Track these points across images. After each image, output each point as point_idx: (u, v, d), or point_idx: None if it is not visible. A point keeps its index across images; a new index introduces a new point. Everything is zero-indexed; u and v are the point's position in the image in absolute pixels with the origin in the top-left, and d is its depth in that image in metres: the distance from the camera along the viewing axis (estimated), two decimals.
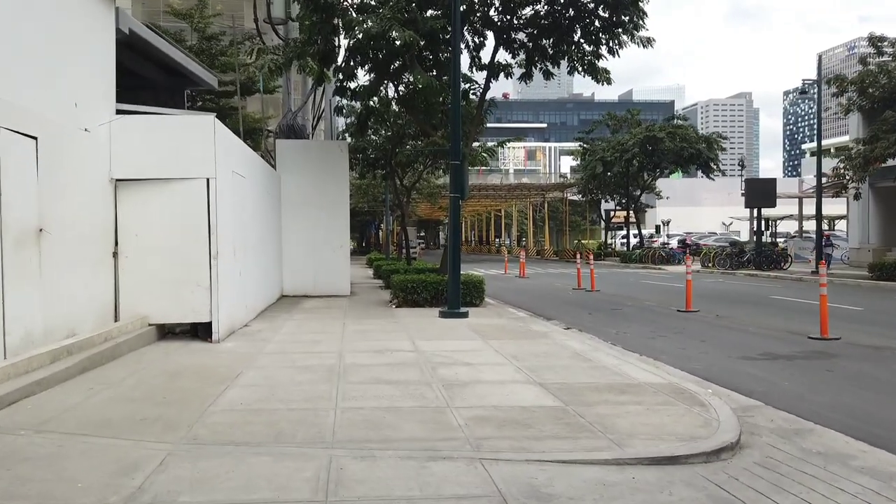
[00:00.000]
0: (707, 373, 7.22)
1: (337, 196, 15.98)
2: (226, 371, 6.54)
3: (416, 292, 13.03)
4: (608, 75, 14.99)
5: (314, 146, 16.03)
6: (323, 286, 15.76)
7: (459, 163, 11.34)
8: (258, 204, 12.15)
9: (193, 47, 17.84)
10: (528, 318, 11.77)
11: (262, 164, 12.80)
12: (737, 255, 27.65)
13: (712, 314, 12.44)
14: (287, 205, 15.60)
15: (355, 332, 9.47)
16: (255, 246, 11.52)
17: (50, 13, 6.84)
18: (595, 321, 11.84)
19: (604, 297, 16.58)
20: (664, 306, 14.12)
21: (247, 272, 10.52)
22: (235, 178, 9.68)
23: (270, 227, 13.90)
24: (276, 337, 9.03)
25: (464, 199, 11.43)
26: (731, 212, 62.74)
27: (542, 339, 8.96)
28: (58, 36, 6.97)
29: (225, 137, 9.00)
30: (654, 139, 34.00)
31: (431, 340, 8.72)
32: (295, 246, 15.64)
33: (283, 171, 15.63)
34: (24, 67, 6.29)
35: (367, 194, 38.09)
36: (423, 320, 10.93)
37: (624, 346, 8.86)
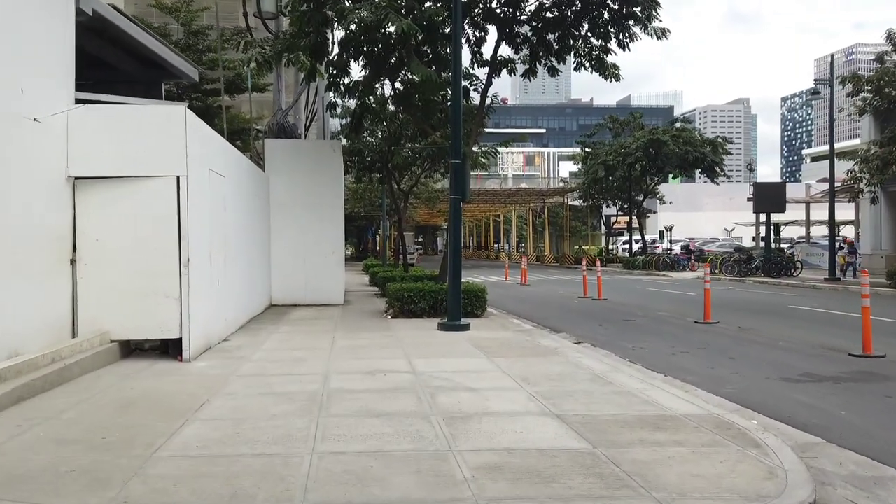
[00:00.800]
0: (746, 398, 6.28)
1: (330, 199, 15.05)
2: (189, 399, 5.58)
3: (413, 302, 12.09)
4: (617, 71, 14.10)
5: (305, 146, 15.12)
6: (314, 295, 14.80)
7: (460, 162, 10.42)
8: (242, 207, 11.21)
9: (179, 42, 16.92)
10: (535, 330, 10.84)
11: (246, 164, 11.87)
12: (745, 262, 26.76)
13: (733, 326, 11.50)
14: (276, 208, 14.66)
15: (345, 349, 8.51)
16: (237, 252, 10.57)
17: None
18: (607, 334, 10.90)
19: (612, 306, 15.64)
20: (679, 317, 13.19)
21: (227, 281, 9.57)
22: (213, 178, 8.74)
23: (257, 231, 12.96)
24: (256, 354, 8.07)
25: (465, 201, 10.52)
26: (733, 217, 61.91)
27: (553, 356, 8.01)
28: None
29: (199, 131, 8.06)
30: (658, 142, 33.14)
31: (430, 358, 7.77)
32: (284, 252, 14.70)
33: (272, 172, 14.70)
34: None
35: (363, 199, 37.18)
36: (421, 333, 9.99)
37: (644, 365, 7.93)
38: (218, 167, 9.04)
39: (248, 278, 11.68)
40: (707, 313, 11.89)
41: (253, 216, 12.43)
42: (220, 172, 9.15)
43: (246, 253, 11.48)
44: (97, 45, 8.87)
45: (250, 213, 12.10)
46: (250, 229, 12.10)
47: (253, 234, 12.40)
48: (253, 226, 12.43)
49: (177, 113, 7.40)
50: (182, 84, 17.64)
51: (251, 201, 12.18)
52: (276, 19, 16.80)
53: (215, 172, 8.88)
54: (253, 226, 12.43)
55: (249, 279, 11.76)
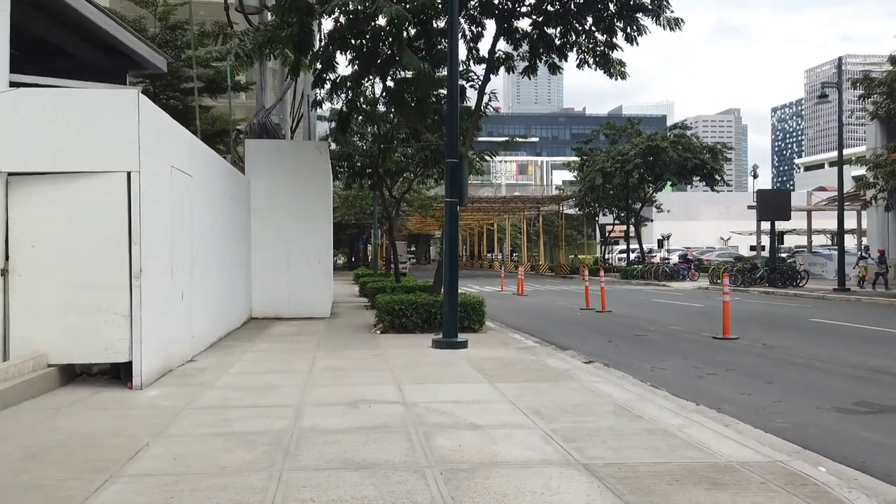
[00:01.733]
0: (803, 436, 5.25)
1: (316, 204, 13.99)
2: (123, 444, 4.48)
3: (405, 315, 11.03)
4: (623, 68, 13.15)
5: (289, 147, 14.08)
6: (298, 307, 13.70)
7: (457, 162, 9.39)
8: (215, 211, 10.13)
9: (156, 38, 15.87)
10: (539, 347, 9.78)
11: (221, 164, 10.80)
12: (749, 272, 25.83)
13: (757, 343, 10.48)
14: (257, 214, 13.58)
15: (326, 371, 7.42)
16: (209, 261, 9.48)
17: None
18: (619, 352, 9.86)
19: (618, 319, 14.61)
20: (694, 331, 12.16)
21: (195, 293, 8.47)
22: (176, 176, 7.67)
23: (235, 239, 11.87)
24: (222, 379, 6.97)
25: (462, 205, 9.49)
26: (729, 226, 61.31)
27: (565, 381, 6.96)
28: None
29: (156, 121, 7.00)
30: (657, 149, 32.30)
31: (423, 384, 6.70)
32: (266, 261, 13.61)
33: (253, 175, 13.63)
34: None
35: (354, 206, 36.11)
36: (413, 352, 8.91)
37: (669, 390, 6.88)
38: (182, 165, 7.96)
39: (223, 290, 10.59)
40: (727, 328, 10.88)
41: (230, 222, 11.35)
42: (185, 171, 8.08)
43: (220, 262, 10.39)
44: (45, 27, 7.81)
45: (226, 219, 11.02)
46: (226, 236, 11.02)
47: (229, 241, 11.32)
48: (229, 232, 11.35)
49: (127, 98, 6.33)
50: (159, 83, 16.60)
51: (227, 205, 11.10)
52: (259, 13, 15.80)
53: (179, 170, 7.80)
54: (229, 232, 11.35)
55: (224, 291, 10.67)
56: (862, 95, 20.33)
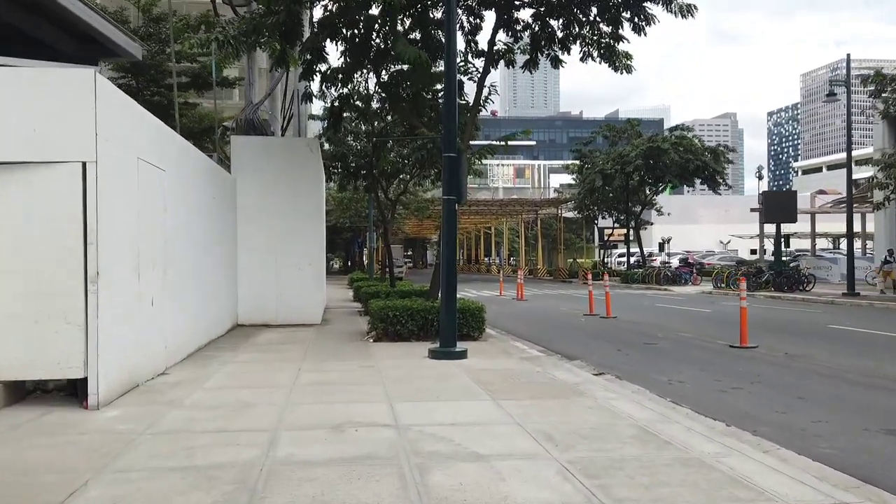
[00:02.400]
0: (857, 465, 4.53)
1: (307, 205, 13.26)
2: (55, 484, 3.73)
3: (400, 322, 10.30)
4: (629, 61, 12.49)
5: (278, 144, 13.35)
6: (287, 313, 12.96)
7: (455, 156, 8.68)
8: (195, 210, 9.39)
9: (139, 31, 15.13)
10: (544, 357, 9.05)
11: (202, 161, 10.06)
12: (754, 276, 25.15)
13: (777, 352, 9.77)
14: (244, 214, 12.84)
15: (310, 387, 6.68)
16: (186, 264, 8.74)
17: None
18: (630, 362, 9.14)
19: (624, 325, 13.89)
20: (706, 339, 11.45)
21: (169, 299, 7.73)
22: (145, 170, 6.93)
23: (218, 240, 11.13)
24: (193, 396, 6.22)
25: (461, 203, 8.77)
26: (729, 229, 60.75)
27: (576, 397, 6.23)
28: None
29: (118, 106, 6.26)
30: (658, 150, 31.65)
31: (418, 401, 5.97)
32: (253, 265, 12.87)
33: (239, 173, 12.90)
34: None
35: (349, 209, 35.39)
36: (408, 363, 8.18)
37: (692, 407, 6.17)
38: (153, 157, 7.22)
39: (204, 295, 9.84)
40: (744, 336, 10.16)
41: (212, 222, 10.61)
42: (156, 164, 7.34)
43: (200, 265, 9.65)
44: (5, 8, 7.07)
45: (208, 219, 10.28)
46: (208, 237, 10.28)
47: (211, 243, 10.57)
48: (212, 233, 10.61)
49: (82, 78, 5.60)
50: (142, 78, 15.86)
51: (209, 204, 10.36)
52: (248, 5, 15.10)
53: (149, 163, 7.06)
54: (212, 233, 10.61)
55: (205, 296, 9.92)
56: (872, 93, 19.69)
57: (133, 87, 15.46)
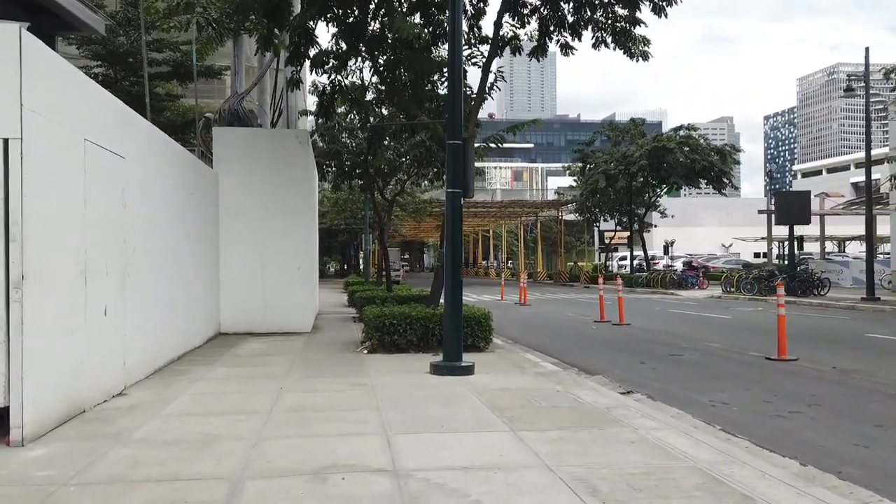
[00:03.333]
0: None
1: (296, 202, 12.18)
2: None
3: (397, 332, 9.22)
4: (646, 47, 11.45)
5: (264, 137, 12.27)
6: (275, 320, 11.87)
7: (461, 144, 7.61)
8: (167, 205, 8.30)
9: (116, 15, 14.03)
10: (561, 372, 7.98)
11: (175, 151, 8.97)
12: (766, 279, 24.12)
13: (823, 366, 8.71)
14: (227, 212, 11.76)
15: (291, 413, 5.59)
16: (154, 266, 7.65)
17: None
18: (659, 377, 8.07)
19: (640, 333, 12.82)
20: (737, 350, 10.38)
21: (129, 308, 6.64)
22: (96, 154, 5.84)
23: (197, 240, 10.05)
24: (148, 426, 5.12)
25: (467, 196, 7.69)
26: (730, 232, 59.87)
27: (612, 427, 5.15)
28: None
29: (56, 74, 5.18)
30: (664, 150, 30.65)
31: (421, 433, 4.89)
32: (237, 267, 11.79)
33: (222, 168, 11.82)
34: None
35: (344, 211, 34.29)
36: (407, 380, 7.09)
37: (752, 439, 5.13)
38: (108, 141, 6.14)
39: (178, 302, 8.74)
40: (783, 347, 9.10)
41: (189, 220, 9.52)
42: (113, 150, 6.25)
43: (173, 268, 8.55)
44: None
45: (184, 216, 9.19)
46: (183, 237, 9.19)
47: (188, 243, 9.49)
48: (189, 233, 9.52)
49: (4, 36, 4.51)
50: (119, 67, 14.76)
51: (185, 200, 9.27)
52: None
53: (102, 148, 5.97)
54: (189, 233, 9.52)
55: (180, 303, 8.82)
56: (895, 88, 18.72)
57: (111, 77, 14.37)
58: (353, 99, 11.62)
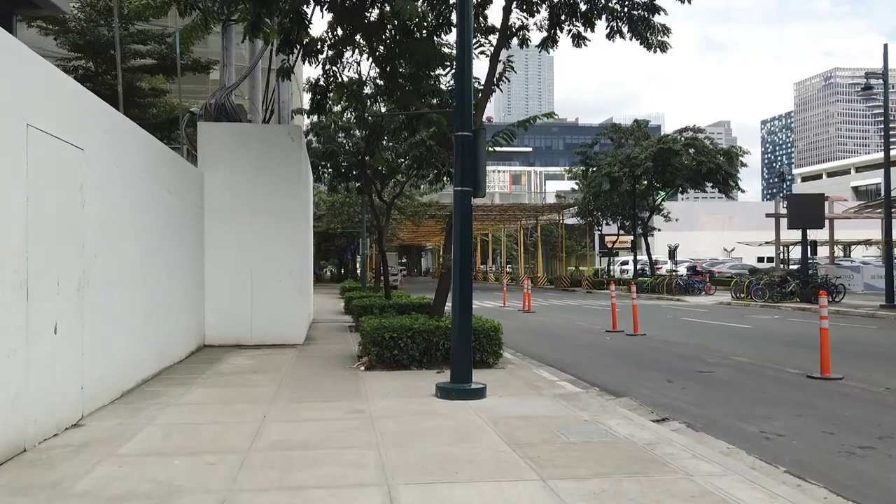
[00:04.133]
0: None
1: (288, 203, 11.28)
2: None
3: (398, 346, 8.32)
4: (666, 36, 10.60)
5: (253, 133, 11.36)
6: (264, 332, 10.96)
7: (471, 136, 6.72)
8: (140, 206, 7.40)
9: (96, 3, 13.12)
10: (583, 393, 7.08)
11: (150, 145, 8.05)
12: (778, 285, 23.28)
13: (874, 385, 7.82)
14: (213, 214, 10.87)
15: (274, 452, 4.67)
16: (123, 274, 6.74)
17: None
18: (693, 399, 7.17)
19: (658, 344, 11.93)
20: (770, 364, 9.49)
21: (89, 322, 5.73)
22: (43, 143, 4.94)
23: (178, 245, 9.14)
24: (95, 472, 4.20)
25: (479, 195, 6.80)
26: (732, 237, 59.16)
27: (661, 472, 4.25)
28: None
29: None
30: (670, 152, 29.83)
31: (431, 483, 3.98)
32: (224, 274, 10.88)
33: (207, 166, 10.92)
34: None
35: (341, 214, 33.37)
36: (410, 406, 6.18)
37: (830, 486, 4.24)
38: (60, 129, 5.23)
39: (153, 313, 7.83)
40: (826, 365, 8.22)
41: (169, 223, 8.62)
42: (66, 140, 5.35)
43: (149, 276, 7.65)
44: None
45: (163, 219, 8.29)
46: (161, 242, 8.28)
47: (168, 248, 8.58)
48: (168, 237, 8.61)
49: None
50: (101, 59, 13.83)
51: (163, 200, 8.37)
52: None
53: (52, 136, 5.07)
54: (168, 237, 8.61)
55: (155, 314, 7.90)
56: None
57: (91, 70, 13.46)
58: (349, 92, 10.73)
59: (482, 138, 6.83)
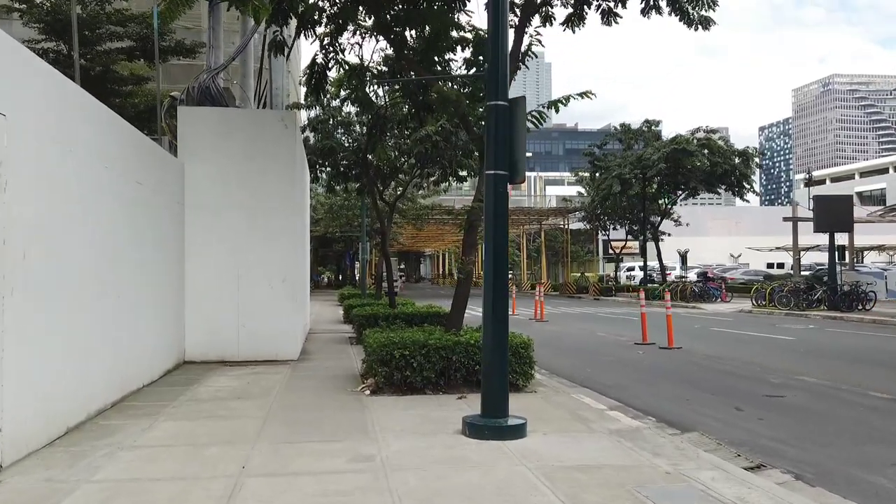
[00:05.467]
0: None
1: (281, 198, 9.91)
2: None
3: (410, 366, 6.94)
4: (711, 10, 9.28)
5: (242, 118, 9.98)
6: (253, 346, 9.57)
7: (507, 105, 5.36)
8: (96, 197, 6.01)
9: None
10: (645, 429, 5.68)
11: (109, 121, 6.66)
12: (805, 292, 21.92)
13: None
14: (195, 211, 9.50)
15: None
16: (67, 280, 5.35)
17: None
18: (781, 434, 5.78)
19: (699, 360, 10.54)
20: (844, 386, 8.10)
21: (8, 343, 4.34)
22: None
23: (150, 246, 7.76)
24: None
25: (516, 181, 5.41)
26: (739, 242, 57.82)
27: None
28: None
29: None
30: (685, 152, 28.53)
31: None
32: (208, 279, 9.51)
33: (188, 156, 9.55)
34: None
35: (339, 217, 31.97)
36: (433, 450, 4.79)
37: None
38: None
39: (111, 327, 6.43)
40: None
41: (137, 218, 7.24)
42: None
43: (107, 281, 6.25)
44: None
45: (129, 213, 6.91)
46: (128, 241, 6.90)
47: (136, 248, 7.19)
48: (137, 235, 7.24)
49: None
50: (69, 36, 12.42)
51: (131, 193, 6.99)
52: None
53: None
54: (137, 235, 7.24)
55: (113, 328, 6.50)
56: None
57: (63, 52, 12.08)
58: (351, 71, 9.35)
59: (522, 108, 5.46)
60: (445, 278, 73.47)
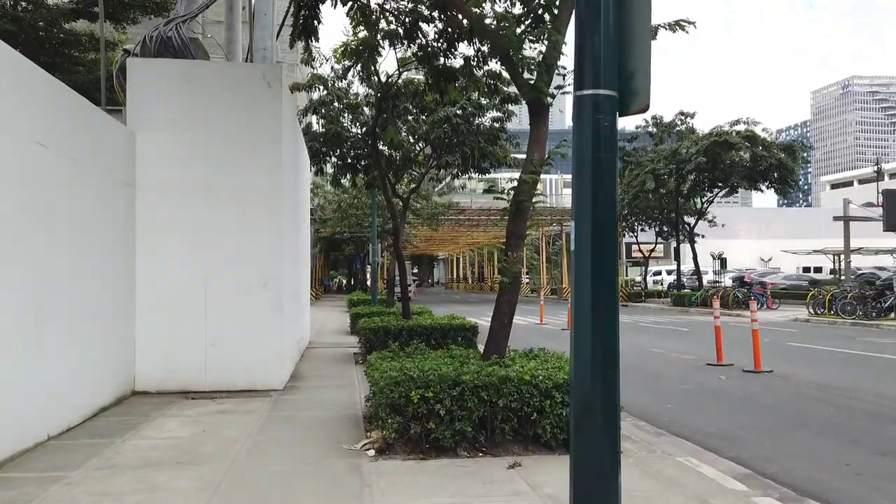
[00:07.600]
0: None
1: (263, 178, 7.61)
2: None
3: (433, 414, 4.62)
4: None
5: (209, 73, 7.64)
6: (224, 372, 7.30)
7: None
8: None
9: None
10: None
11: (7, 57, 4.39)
12: (873, 299, 19.28)
13: None
14: (150, 195, 7.25)
15: None
16: None
17: None
18: None
19: (812, 392, 8.08)
20: None
21: None
22: None
23: (82, 241, 5.49)
24: None
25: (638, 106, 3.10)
26: (771, 245, 54.94)
27: None
28: None
29: None
30: (726, 145, 25.97)
31: None
32: (167, 285, 7.25)
33: (141, 123, 7.29)
34: None
35: (348, 217, 29.67)
36: None
37: None
38: None
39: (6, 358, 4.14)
40: None
41: (63, 206, 4.97)
42: None
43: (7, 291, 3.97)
44: None
45: (53, 200, 4.63)
46: (46, 234, 4.61)
47: (59, 246, 4.91)
48: (62, 228, 4.97)
49: None
50: None
51: (57, 172, 4.71)
52: None
53: None
54: (62, 228, 4.97)
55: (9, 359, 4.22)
56: None
57: None
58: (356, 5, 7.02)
59: None
60: (460, 283, 71.03)
